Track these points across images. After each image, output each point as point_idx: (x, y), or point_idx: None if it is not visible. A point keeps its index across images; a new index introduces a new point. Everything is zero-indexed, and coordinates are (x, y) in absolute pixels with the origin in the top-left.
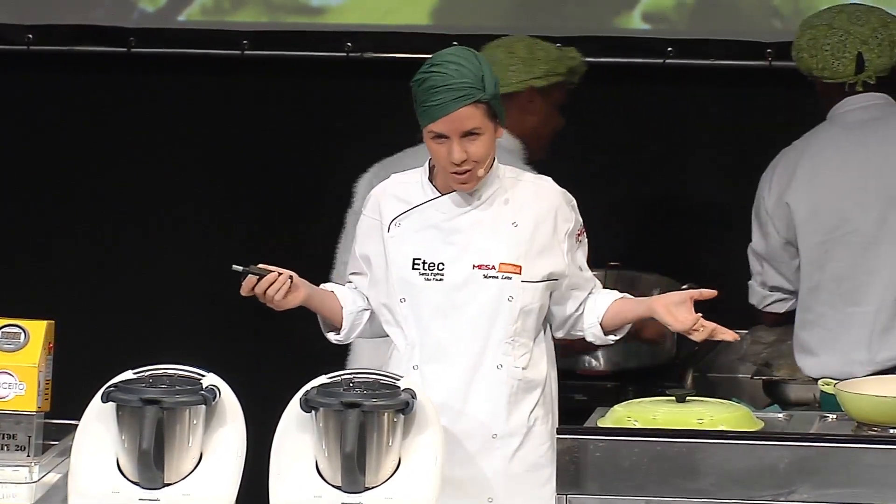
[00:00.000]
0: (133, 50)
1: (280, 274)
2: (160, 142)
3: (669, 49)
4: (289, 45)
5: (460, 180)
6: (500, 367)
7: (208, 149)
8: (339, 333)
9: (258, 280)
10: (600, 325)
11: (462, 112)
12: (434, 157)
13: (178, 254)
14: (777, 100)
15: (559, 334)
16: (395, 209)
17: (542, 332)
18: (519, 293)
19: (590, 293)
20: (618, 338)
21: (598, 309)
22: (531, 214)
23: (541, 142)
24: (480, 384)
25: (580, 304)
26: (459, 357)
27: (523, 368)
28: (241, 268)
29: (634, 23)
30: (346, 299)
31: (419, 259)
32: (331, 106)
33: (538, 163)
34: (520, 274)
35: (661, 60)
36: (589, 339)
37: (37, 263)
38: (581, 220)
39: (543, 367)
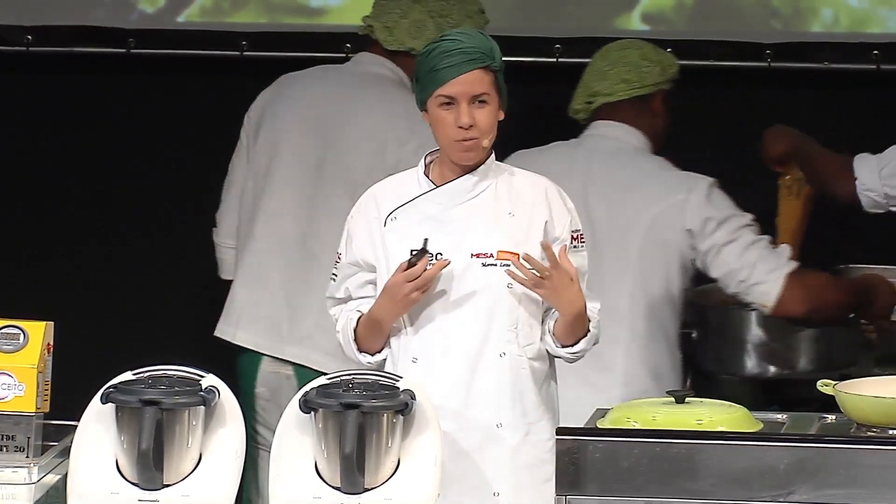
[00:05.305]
0: (132, 51)
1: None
2: (159, 142)
3: (669, 49)
4: (288, 46)
5: (465, 148)
6: (503, 355)
7: (207, 149)
8: (376, 354)
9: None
10: (553, 334)
11: (474, 74)
12: (439, 126)
13: (177, 254)
14: (776, 100)
15: None
16: (391, 204)
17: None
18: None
19: None
20: (572, 351)
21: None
22: (527, 205)
23: (661, 142)
24: (484, 373)
25: (549, 309)
26: (462, 347)
27: (529, 358)
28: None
29: (634, 23)
30: None
31: (417, 250)
32: None
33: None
34: (518, 261)
35: None
36: (546, 348)
37: (36, 264)
38: (580, 226)
39: (547, 359)
